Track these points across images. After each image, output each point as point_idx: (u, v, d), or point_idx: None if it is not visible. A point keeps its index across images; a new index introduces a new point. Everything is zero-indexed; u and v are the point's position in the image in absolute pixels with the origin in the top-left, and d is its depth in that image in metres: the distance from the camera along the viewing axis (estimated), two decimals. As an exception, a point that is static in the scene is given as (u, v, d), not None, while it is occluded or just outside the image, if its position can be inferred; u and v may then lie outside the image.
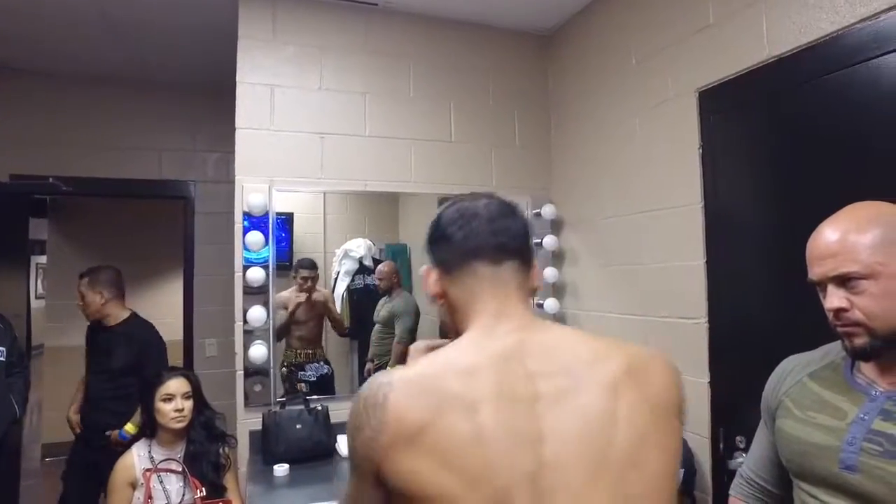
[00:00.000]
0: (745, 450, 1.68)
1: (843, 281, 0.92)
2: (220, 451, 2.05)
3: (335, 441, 2.27)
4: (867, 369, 0.98)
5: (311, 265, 2.53)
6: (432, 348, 0.89)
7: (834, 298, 0.93)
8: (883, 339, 0.90)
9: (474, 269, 0.81)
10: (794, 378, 1.09)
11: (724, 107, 1.83)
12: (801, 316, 1.54)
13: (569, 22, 2.67)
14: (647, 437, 0.72)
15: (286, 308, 2.47)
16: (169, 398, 1.96)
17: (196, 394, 2.05)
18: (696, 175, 1.90)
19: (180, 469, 1.94)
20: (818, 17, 1.52)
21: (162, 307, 4.34)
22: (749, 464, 1.21)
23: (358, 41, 2.52)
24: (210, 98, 3.37)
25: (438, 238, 0.85)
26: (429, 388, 0.71)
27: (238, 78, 2.33)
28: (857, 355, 0.95)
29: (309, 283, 2.51)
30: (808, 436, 1.00)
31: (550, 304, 2.69)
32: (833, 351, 1.07)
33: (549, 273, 2.71)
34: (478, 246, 0.81)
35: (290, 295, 2.49)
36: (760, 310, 1.72)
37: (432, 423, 0.68)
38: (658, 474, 0.71)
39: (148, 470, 1.90)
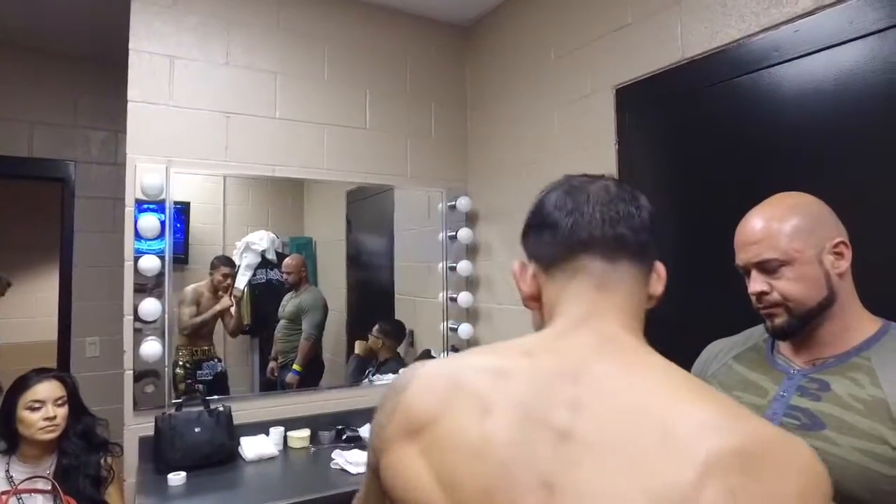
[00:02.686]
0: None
1: (765, 266, 0.97)
2: (102, 461, 1.83)
3: (238, 444, 2.11)
4: (786, 350, 1.04)
5: (231, 262, 2.37)
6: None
7: (756, 283, 0.99)
8: (799, 319, 0.97)
9: (581, 264, 0.64)
10: (720, 361, 1.15)
11: (640, 104, 1.90)
12: (711, 306, 1.62)
13: (489, 15, 2.67)
14: None
15: (197, 303, 2.26)
16: (37, 406, 1.71)
17: (72, 399, 1.82)
18: (612, 170, 1.96)
19: (49, 487, 1.69)
20: (728, 24, 1.61)
21: (33, 304, 3.86)
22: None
23: (270, 17, 2.36)
24: (95, 67, 3.04)
25: (539, 225, 0.68)
26: (449, 380, 0.61)
27: (131, 45, 2.09)
28: (777, 334, 1.01)
29: (229, 281, 2.35)
30: (732, 416, 1.04)
31: (464, 298, 2.69)
32: (755, 334, 1.13)
33: (464, 266, 2.70)
34: (589, 237, 0.63)
35: (202, 290, 2.30)
36: (673, 301, 1.79)
37: (438, 419, 0.58)
38: None
39: (5, 493, 1.64)
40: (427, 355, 2.69)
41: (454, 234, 2.72)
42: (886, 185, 1.28)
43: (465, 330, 2.68)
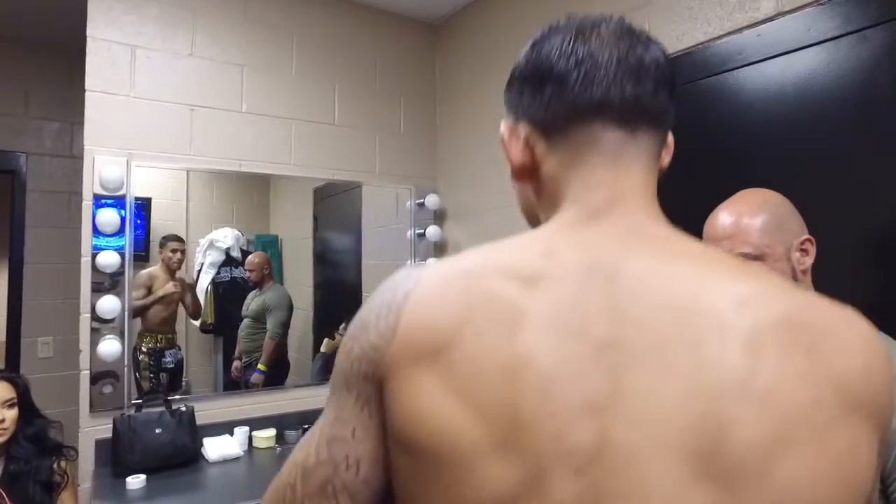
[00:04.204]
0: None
1: None
2: (54, 466, 1.75)
3: (201, 445, 2.06)
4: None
5: (179, 238, 2.30)
6: None
7: None
8: None
9: (594, 132, 0.52)
10: None
11: (607, 105, 1.93)
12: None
13: (458, 13, 2.67)
14: (824, 438, 0.42)
15: (149, 288, 2.19)
16: None
17: (23, 401, 1.75)
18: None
19: (-6, 494, 1.62)
20: (694, 27, 1.65)
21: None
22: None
23: (237, 8, 2.31)
24: (48, 54, 2.91)
25: (538, 76, 0.54)
26: (463, 288, 0.48)
27: (89, 32, 2.01)
28: None
29: (179, 256, 2.27)
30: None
31: (434, 296, 2.68)
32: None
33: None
34: (605, 97, 0.51)
35: (156, 273, 2.22)
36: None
37: (456, 338, 0.46)
38: None
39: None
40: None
41: (422, 231, 2.71)
42: (842, 185, 1.33)
43: (433, 328, 2.68)
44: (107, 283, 2.00)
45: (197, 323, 2.39)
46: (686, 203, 1.02)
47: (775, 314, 0.45)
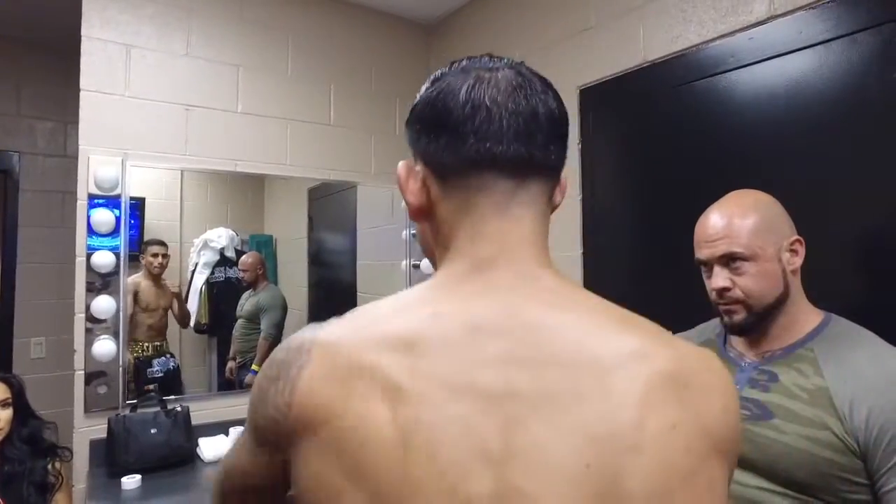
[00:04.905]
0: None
1: (729, 261, 1.00)
2: (49, 467, 1.75)
3: (196, 445, 2.06)
4: (737, 343, 1.08)
5: (161, 242, 2.27)
6: None
7: (719, 279, 1.01)
8: (757, 315, 1.01)
9: (485, 181, 0.54)
10: None
11: (602, 105, 1.94)
12: (667, 303, 1.68)
13: (453, 14, 2.68)
14: (691, 482, 0.46)
15: (134, 295, 2.18)
16: None
17: (18, 401, 1.74)
18: (574, 169, 1.99)
19: (-12, 496, 1.61)
20: (687, 29, 1.66)
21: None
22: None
23: (233, 8, 2.31)
24: (41, 53, 2.90)
25: (437, 125, 0.55)
26: (350, 360, 0.50)
27: (84, 32, 2.00)
28: (734, 330, 1.05)
29: (160, 260, 2.25)
30: (688, 408, 1.08)
31: (429, 296, 2.68)
32: (708, 329, 1.17)
33: (427, 264, 2.69)
34: (500, 150, 0.53)
35: (139, 279, 2.21)
36: (631, 299, 1.85)
37: (340, 412, 0.48)
38: None
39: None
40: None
41: (416, 233, 2.71)
42: (831, 186, 1.35)
43: (428, 328, 2.68)
44: (101, 283, 2.00)
45: (191, 323, 2.39)
46: (677, 204, 1.04)
47: (658, 369, 0.49)
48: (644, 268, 1.81)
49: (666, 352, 0.50)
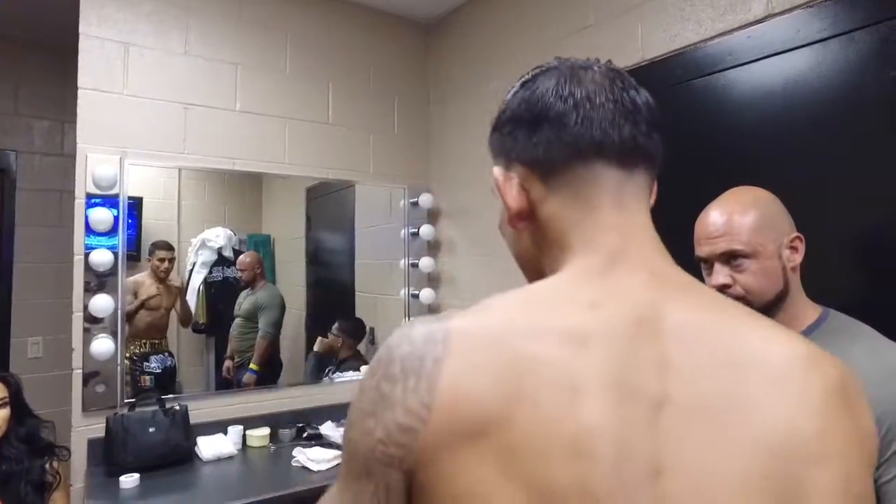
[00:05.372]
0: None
1: (729, 259, 1.00)
2: (47, 466, 1.74)
3: (195, 444, 2.05)
4: (737, 339, 1.08)
5: (169, 246, 2.29)
6: None
7: (719, 276, 1.01)
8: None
9: (595, 172, 0.51)
10: None
11: (600, 105, 1.94)
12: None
13: (452, 12, 2.69)
14: (866, 496, 0.46)
15: (135, 294, 2.18)
16: None
17: (15, 400, 1.73)
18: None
19: (-15, 495, 1.61)
20: (686, 28, 1.67)
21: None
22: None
23: (231, 7, 2.31)
24: (38, 51, 2.89)
25: (533, 118, 0.52)
26: (508, 353, 0.43)
27: (81, 30, 2.00)
28: None
29: (167, 265, 2.25)
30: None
31: (427, 294, 2.69)
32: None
33: (426, 263, 2.70)
34: (605, 136, 0.50)
35: (142, 279, 2.21)
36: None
37: (510, 413, 0.41)
38: None
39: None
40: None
41: (416, 230, 2.72)
42: (829, 183, 1.36)
43: (427, 327, 2.68)
44: (99, 282, 1.99)
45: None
46: (675, 202, 1.03)
47: (830, 376, 0.47)
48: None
49: (829, 358, 0.48)
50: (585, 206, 0.51)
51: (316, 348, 2.61)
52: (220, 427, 2.17)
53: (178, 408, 2.06)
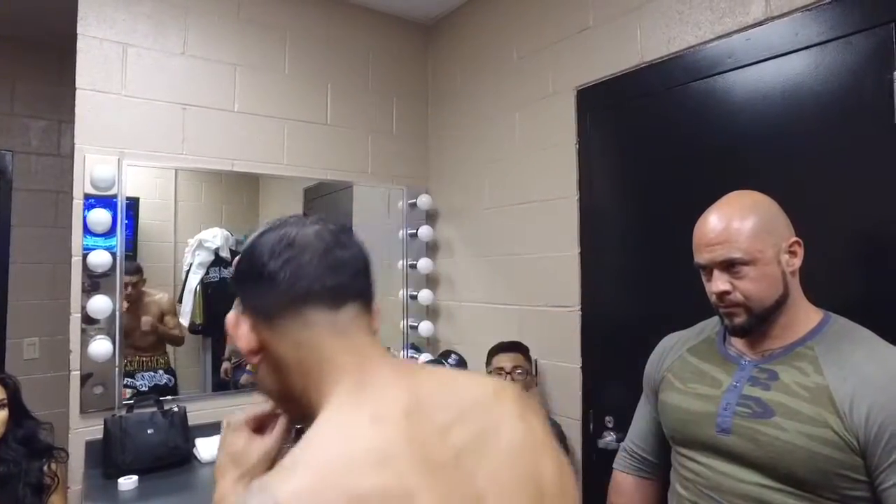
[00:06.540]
0: (614, 429, 1.81)
1: (728, 266, 1.00)
2: (45, 468, 1.73)
3: (193, 445, 2.05)
4: (737, 342, 1.09)
5: (138, 269, 2.17)
6: (261, 421, 0.71)
7: (719, 282, 1.02)
8: (757, 317, 1.01)
9: (306, 317, 0.62)
10: (675, 354, 1.18)
11: (600, 105, 1.95)
12: (663, 303, 1.69)
13: (451, 13, 2.68)
14: (563, 462, 0.66)
15: None
16: None
17: (14, 402, 1.72)
18: (572, 169, 2.00)
19: (-18, 498, 1.60)
20: (685, 31, 1.67)
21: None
22: (631, 437, 1.29)
23: (230, 7, 2.30)
24: (35, 51, 2.87)
25: (254, 276, 0.64)
26: (342, 498, 0.49)
27: (79, 30, 1.99)
28: (736, 332, 1.05)
29: (130, 290, 2.11)
30: (689, 405, 1.09)
31: (425, 295, 2.69)
32: (708, 327, 1.18)
33: (424, 264, 2.70)
34: (310, 288, 0.62)
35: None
36: (628, 298, 1.86)
37: None
38: (576, 501, 0.67)
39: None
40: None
41: (414, 231, 2.71)
42: (828, 187, 1.37)
43: (425, 328, 2.69)
44: (97, 283, 1.98)
45: (186, 324, 2.37)
46: (673, 204, 1.04)
47: (513, 392, 0.67)
48: (641, 267, 1.82)
49: (506, 386, 0.70)
50: (306, 344, 0.63)
51: (314, 349, 2.61)
52: (218, 428, 2.15)
53: (176, 409, 2.05)
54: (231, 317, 0.67)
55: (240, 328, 0.66)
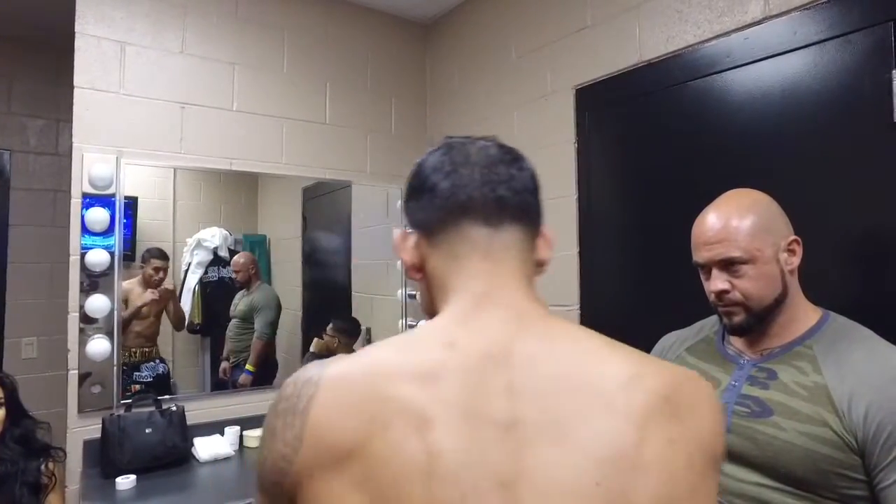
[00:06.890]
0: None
1: (727, 265, 1.00)
2: (42, 467, 1.73)
3: (191, 445, 2.05)
4: (736, 341, 1.09)
5: (163, 255, 2.26)
6: None
7: (718, 281, 1.01)
8: (756, 316, 1.01)
9: (463, 230, 0.61)
10: (673, 353, 1.18)
11: (598, 104, 1.95)
12: (661, 302, 1.69)
13: (450, 13, 2.68)
14: (695, 495, 0.51)
15: (125, 301, 2.14)
16: None
17: (11, 401, 1.72)
18: (571, 168, 2.00)
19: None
20: (684, 30, 1.67)
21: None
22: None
23: (228, 6, 2.30)
24: (32, 49, 2.86)
25: (418, 190, 0.64)
26: (368, 392, 0.52)
27: (77, 29, 1.99)
28: (735, 331, 1.05)
29: (161, 275, 2.23)
30: (688, 404, 1.08)
31: (424, 295, 2.68)
32: (706, 326, 1.18)
33: (424, 264, 2.70)
34: (469, 199, 0.60)
35: (132, 286, 2.18)
36: (627, 297, 1.86)
37: (366, 443, 0.49)
38: None
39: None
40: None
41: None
42: (826, 185, 1.37)
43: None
44: (96, 282, 1.98)
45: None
46: (672, 203, 1.04)
47: (653, 392, 0.53)
48: (639, 266, 1.82)
49: (658, 374, 0.55)
50: (457, 259, 0.61)
51: (312, 349, 2.61)
52: (216, 428, 2.17)
53: (174, 409, 2.05)
54: (398, 233, 0.67)
55: (405, 243, 0.66)
